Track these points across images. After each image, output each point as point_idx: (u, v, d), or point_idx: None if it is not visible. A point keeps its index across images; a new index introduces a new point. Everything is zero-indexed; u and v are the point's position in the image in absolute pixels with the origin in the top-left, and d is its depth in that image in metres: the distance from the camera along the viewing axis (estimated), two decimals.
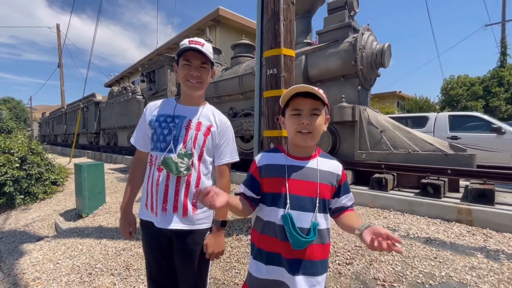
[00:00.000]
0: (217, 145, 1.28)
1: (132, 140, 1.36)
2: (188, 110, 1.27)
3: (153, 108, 1.31)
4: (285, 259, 0.93)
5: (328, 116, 1.02)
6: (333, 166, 1.02)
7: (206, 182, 1.26)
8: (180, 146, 1.20)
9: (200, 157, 1.24)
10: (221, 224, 1.22)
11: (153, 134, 1.26)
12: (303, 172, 0.97)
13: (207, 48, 1.21)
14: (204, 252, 1.22)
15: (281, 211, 0.94)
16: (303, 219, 0.93)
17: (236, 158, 1.32)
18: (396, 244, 0.73)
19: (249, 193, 1.02)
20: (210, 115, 1.29)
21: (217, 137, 1.27)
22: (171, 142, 1.20)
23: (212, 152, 1.28)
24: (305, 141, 0.95)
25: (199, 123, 1.25)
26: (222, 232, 1.25)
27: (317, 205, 0.94)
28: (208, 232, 1.26)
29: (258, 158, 1.05)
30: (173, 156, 1.18)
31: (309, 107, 0.94)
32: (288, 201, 0.93)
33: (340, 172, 1.01)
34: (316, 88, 0.93)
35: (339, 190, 1.01)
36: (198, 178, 1.23)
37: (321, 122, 0.96)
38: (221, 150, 1.28)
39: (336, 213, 1.01)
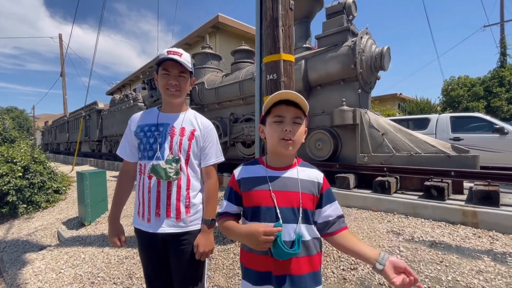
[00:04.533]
0: (202, 147, 1.32)
1: (118, 152, 1.40)
2: (170, 117, 1.31)
3: (137, 119, 1.36)
4: (274, 276, 0.89)
5: (306, 128, 0.99)
6: (314, 174, 0.98)
7: (196, 184, 1.31)
8: (167, 152, 1.25)
9: (187, 161, 1.29)
10: (210, 223, 1.26)
11: (139, 144, 1.30)
12: (284, 183, 0.94)
13: (185, 58, 1.26)
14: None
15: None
16: (285, 232, 0.88)
17: (221, 159, 1.37)
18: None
19: (233, 208, 0.99)
20: (192, 120, 1.33)
21: (201, 140, 1.32)
22: (158, 150, 1.24)
23: (198, 155, 1.33)
24: (287, 148, 0.92)
25: (182, 129, 1.29)
26: (212, 231, 1.29)
27: (300, 215, 0.90)
28: None
29: (237, 171, 1.02)
30: (161, 162, 1.22)
31: (292, 115, 0.92)
32: (279, 213, 0.89)
33: (321, 180, 0.98)
34: (300, 96, 0.91)
35: (321, 199, 0.96)
36: (188, 180, 1.28)
37: (302, 132, 0.95)
38: (206, 152, 1.33)
39: (325, 229, 0.95)
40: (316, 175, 0.98)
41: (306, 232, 0.91)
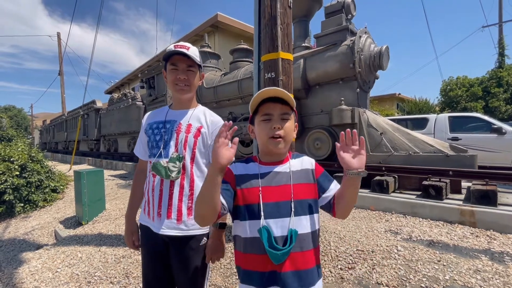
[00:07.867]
0: (209, 145, 1.28)
1: (134, 150, 1.40)
2: (178, 114, 1.28)
3: (149, 117, 1.35)
4: (280, 274, 0.85)
5: (296, 123, 0.99)
6: (305, 163, 0.99)
7: (200, 185, 1.25)
8: (172, 150, 1.21)
9: (193, 159, 1.24)
10: (219, 226, 1.21)
11: (148, 142, 1.29)
12: (277, 177, 0.94)
13: (193, 51, 1.22)
14: (201, 258, 1.21)
15: (259, 223, 0.88)
16: (281, 226, 0.87)
17: None
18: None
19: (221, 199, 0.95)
20: (201, 116, 1.29)
21: (209, 138, 1.27)
22: (162, 147, 1.22)
23: (206, 153, 1.28)
24: (277, 146, 0.91)
25: (189, 125, 1.25)
26: (220, 235, 1.23)
27: (293, 208, 0.89)
28: (205, 239, 1.24)
29: (234, 167, 0.99)
30: (163, 160, 1.19)
31: (279, 112, 0.92)
32: (262, 210, 0.88)
33: (313, 167, 0.99)
34: (285, 91, 0.91)
35: (322, 182, 0.97)
36: (192, 181, 1.23)
37: (291, 127, 0.94)
38: None
39: (331, 206, 0.95)
40: (307, 163, 0.99)
41: (306, 224, 0.90)
